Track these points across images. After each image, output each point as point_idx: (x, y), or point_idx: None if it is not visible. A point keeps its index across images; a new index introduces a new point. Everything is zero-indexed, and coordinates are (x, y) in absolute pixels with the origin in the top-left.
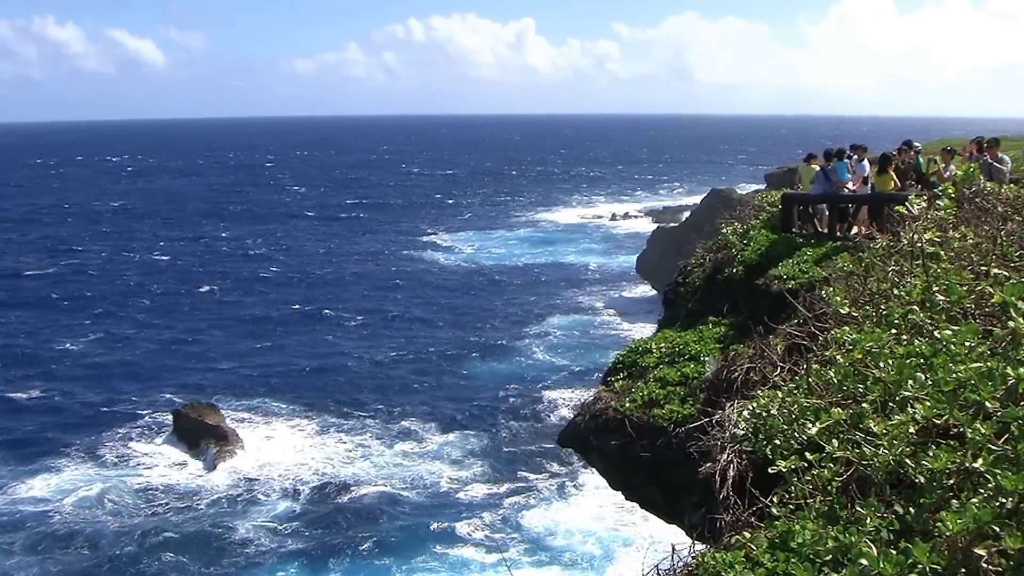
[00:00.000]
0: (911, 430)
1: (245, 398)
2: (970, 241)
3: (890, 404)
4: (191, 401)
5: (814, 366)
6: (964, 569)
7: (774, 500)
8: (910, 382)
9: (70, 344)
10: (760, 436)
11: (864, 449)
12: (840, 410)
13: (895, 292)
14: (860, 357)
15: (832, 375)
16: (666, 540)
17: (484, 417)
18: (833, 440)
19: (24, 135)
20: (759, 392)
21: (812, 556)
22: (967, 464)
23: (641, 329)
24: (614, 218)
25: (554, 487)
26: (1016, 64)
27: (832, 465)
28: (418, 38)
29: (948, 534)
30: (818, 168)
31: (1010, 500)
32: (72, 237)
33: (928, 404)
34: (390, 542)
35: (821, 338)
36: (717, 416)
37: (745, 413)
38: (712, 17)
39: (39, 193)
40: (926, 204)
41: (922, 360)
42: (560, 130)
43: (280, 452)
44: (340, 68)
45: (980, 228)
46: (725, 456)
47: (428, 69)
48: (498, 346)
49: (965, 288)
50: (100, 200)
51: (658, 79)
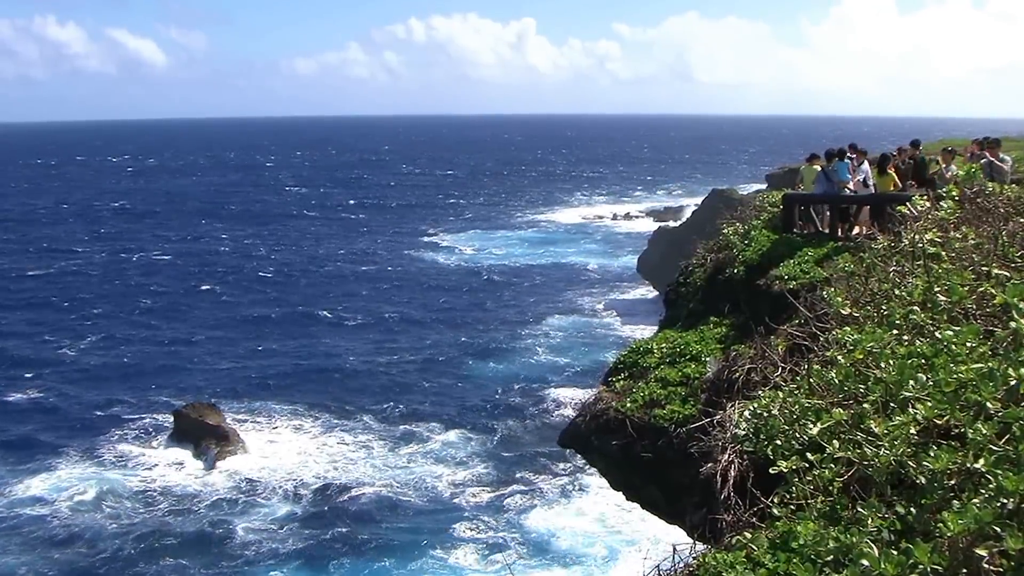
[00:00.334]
0: (912, 431)
1: (246, 398)
2: (971, 241)
3: (891, 404)
4: (191, 401)
5: (815, 366)
6: (965, 570)
7: (775, 500)
8: (911, 382)
9: (70, 344)
10: (761, 436)
11: (865, 449)
12: (841, 410)
13: (896, 292)
14: (861, 357)
15: (833, 375)
16: (667, 540)
17: (485, 418)
18: (834, 440)
19: (25, 135)
20: (760, 392)
21: (813, 556)
22: (968, 465)
23: (642, 329)
24: (615, 218)
25: (556, 488)
26: (1017, 65)
27: (833, 465)
28: (419, 38)
29: (949, 534)
30: (819, 169)
31: (1011, 501)
32: (73, 237)
33: (929, 405)
34: (391, 544)
35: (822, 338)
36: (718, 416)
37: (746, 413)
38: (713, 17)
39: (40, 193)
40: (928, 204)
41: (923, 361)
42: (561, 130)
43: (281, 452)
44: (341, 68)
45: (981, 228)
46: (726, 456)
47: (429, 69)
48: (499, 346)
49: (966, 289)
50: (100, 200)
51: (659, 79)
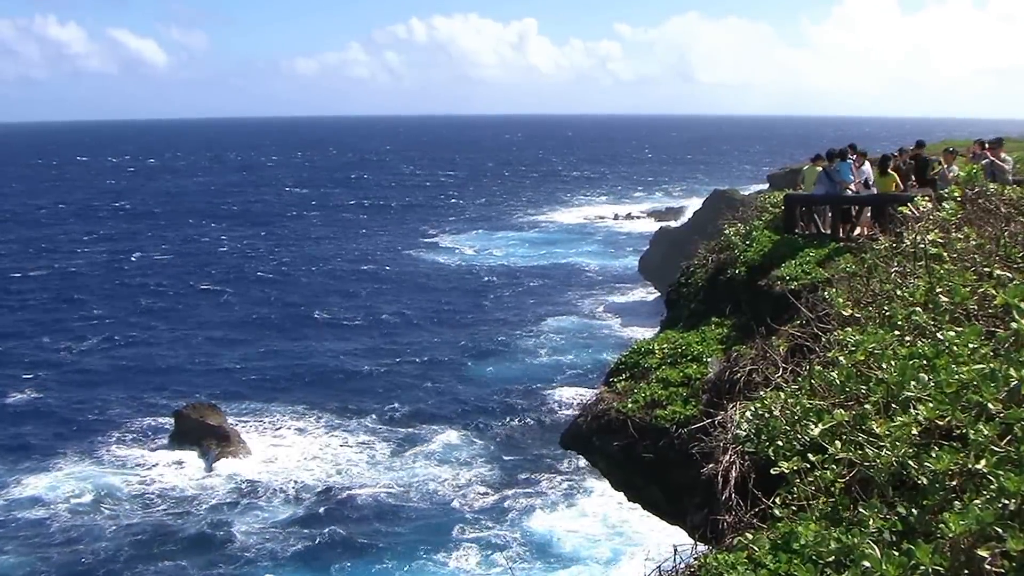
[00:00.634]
0: (914, 431)
1: (247, 399)
2: (973, 242)
3: (893, 405)
4: (192, 402)
5: (816, 367)
6: (967, 571)
7: (776, 501)
8: (913, 383)
9: (69, 344)
10: (762, 437)
11: (867, 450)
12: (843, 411)
13: (898, 293)
14: (863, 358)
15: (835, 376)
16: (669, 541)
17: (487, 419)
18: (836, 441)
19: (25, 135)
20: (761, 393)
21: (815, 557)
22: (970, 465)
23: (643, 330)
24: (616, 219)
25: (557, 489)
26: (1020, 66)
27: (835, 466)
28: (420, 38)
29: (951, 535)
30: (820, 169)
31: (1013, 501)
32: (73, 237)
33: (931, 405)
34: (392, 545)
35: (824, 339)
36: (719, 417)
37: (747, 414)
38: (714, 17)
39: (40, 193)
40: (929, 205)
41: (925, 361)
42: (562, 131)
43: (282, 453)
44: (342, 68)
45: (983, 229)
46: (727, 457)
47: (430, 69)
48: (500, 347)
49: (968, 289)
50: (101, 200)
51: (661, 79)
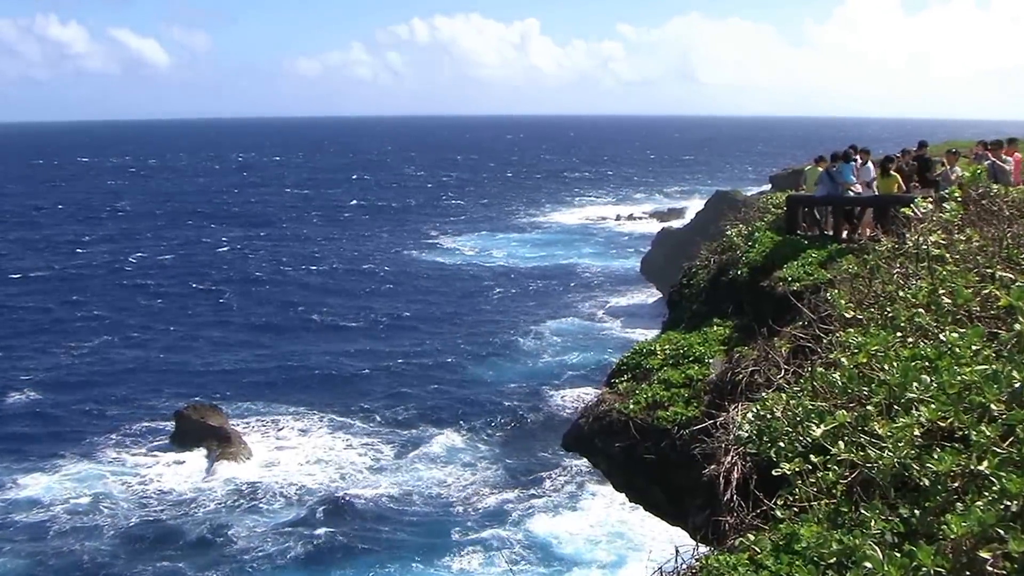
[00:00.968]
0: (916, 433)
1: (248, 400)
2: (976, 243)
3: (895, 407)
4: (193, 402)
5: (819, 368)
6: (968, 572)
7: (778, 502)
8: (915, 384)
9: (70, 345)
10: (764, 438)
11: (869, 452)
12: (845, 412)
13: (900, 294)
14: (865, 359)
15: (837, 377)
16: (670, 543)
17: (489, 420)
18: (838, 442)
19: (27, 135)
20: (763, 394)
21: (816, 559)
22: (972, 467)
23: (645, 331)
24: (618, 220)
25: (559, 491)
26: (1023, 67)
27: (836, 468)
28: (422, 38)
29: (952, 537)
30: (821, 170)
31: (1015, 503)
32: (73, 237)
33: (933, 407)
34: (394, 548)
35: (826, 340)
36: (721, 418)
37: (749, 415)
38: (717, 18)
39: (41, 193)
40: (932, 206)
41: (927, 363)
42: (564, 131)
43: (283, 454)
44: (344, 68)
45: (986, 230)
46: (729, 458)
47: (432, 69)
48: (501, 349)
49: (971, 291)
50: (101, 200)
51: (663, 80)
